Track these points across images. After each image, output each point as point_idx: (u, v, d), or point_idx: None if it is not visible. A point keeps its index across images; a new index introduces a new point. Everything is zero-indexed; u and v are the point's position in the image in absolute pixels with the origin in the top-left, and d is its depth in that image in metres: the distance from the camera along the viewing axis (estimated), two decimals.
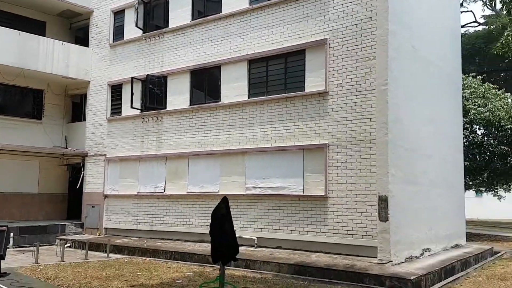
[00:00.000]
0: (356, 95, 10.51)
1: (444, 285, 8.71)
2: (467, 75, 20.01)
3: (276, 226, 11.53)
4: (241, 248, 6.96)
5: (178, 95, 14.07)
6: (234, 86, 12.77)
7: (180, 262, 11.22)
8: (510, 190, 28.38)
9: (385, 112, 9.96)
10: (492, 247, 14.77)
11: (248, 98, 12.46)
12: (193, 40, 13.86)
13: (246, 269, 9.98)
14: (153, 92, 14.55)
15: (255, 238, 11.70)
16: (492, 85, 19.52)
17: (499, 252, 14.45)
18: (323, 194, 10.77)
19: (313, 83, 11.30)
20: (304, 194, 11.19)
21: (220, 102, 13.01)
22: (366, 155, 10.24)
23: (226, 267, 6.44)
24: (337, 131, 10.76)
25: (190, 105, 13.76)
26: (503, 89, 19.70)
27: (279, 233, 11.46)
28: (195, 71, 13.82)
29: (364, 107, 10.36)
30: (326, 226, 10.72)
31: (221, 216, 5.90)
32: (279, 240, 11.46)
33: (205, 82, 13.75)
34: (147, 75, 14.59)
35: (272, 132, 11.84)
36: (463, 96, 17.94)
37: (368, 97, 10.29)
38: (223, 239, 5.83)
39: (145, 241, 13.38)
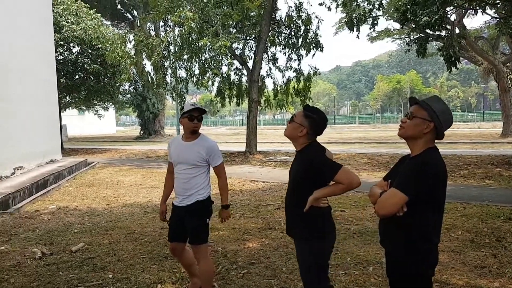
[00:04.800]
0: None
1: (34, 198, 8.75)
2: None
3: None
4: None
5: None
6: None
7: None
8: (108, 109, 31.25)
9: None
10: (86, 159, 16.02)
11: None
12: None
13: None
14: None
15: None
16: (84, 4, 19.91)
17: (93, 162, 15.85)
18: None
19: None
20: None
21: None
22: None
23: None
24: None
25: None
26: (94, 9, 20.52)
27: None
28: None
29: None
30: None
31: None
32: None
33: None
34: None
35: None
36: (56, 12, 17.53)
37: None
38: None
39: None
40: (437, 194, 2.07)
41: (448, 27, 13.04)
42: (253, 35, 17.65)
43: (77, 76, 20.80)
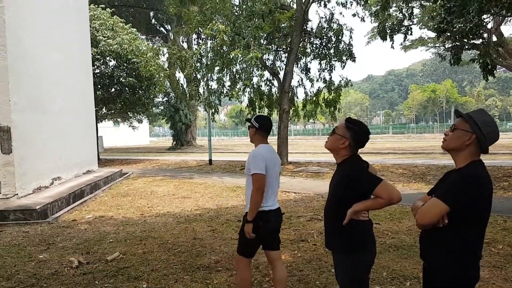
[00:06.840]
0: None
1: (71, 208, 9.02)
2: (96, 6, 20.21)
3: None
4: None
5: None
6: None
7: None
8: (141, 121, 32.04)
9: (2, 33, 8.80)
10: (121, 169, 16.39)
11: None
12: None
13: None
14: None
15: None
16: (120, 19, 20.58)
17: (128, 173, 16.21)
18: None
19: None
20: None
21: None
22: None
23: None
24: None
25: None
26: (130, 24, 21.14)
27: None
28: None
29: None
30: None
31: None
32: None
33: None
34: None
35: None
36: (93, 27, 18.17)
37: None
38: None
39: None
40: (480, 207, 2.02)
41: (485, 35, 12.67)
42: (284, 46, 17.71)
43: (113, 89, 21.39)
